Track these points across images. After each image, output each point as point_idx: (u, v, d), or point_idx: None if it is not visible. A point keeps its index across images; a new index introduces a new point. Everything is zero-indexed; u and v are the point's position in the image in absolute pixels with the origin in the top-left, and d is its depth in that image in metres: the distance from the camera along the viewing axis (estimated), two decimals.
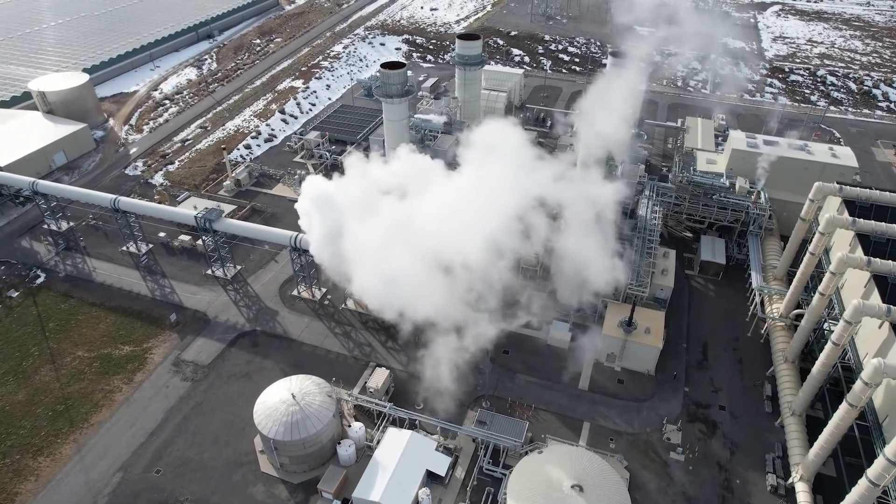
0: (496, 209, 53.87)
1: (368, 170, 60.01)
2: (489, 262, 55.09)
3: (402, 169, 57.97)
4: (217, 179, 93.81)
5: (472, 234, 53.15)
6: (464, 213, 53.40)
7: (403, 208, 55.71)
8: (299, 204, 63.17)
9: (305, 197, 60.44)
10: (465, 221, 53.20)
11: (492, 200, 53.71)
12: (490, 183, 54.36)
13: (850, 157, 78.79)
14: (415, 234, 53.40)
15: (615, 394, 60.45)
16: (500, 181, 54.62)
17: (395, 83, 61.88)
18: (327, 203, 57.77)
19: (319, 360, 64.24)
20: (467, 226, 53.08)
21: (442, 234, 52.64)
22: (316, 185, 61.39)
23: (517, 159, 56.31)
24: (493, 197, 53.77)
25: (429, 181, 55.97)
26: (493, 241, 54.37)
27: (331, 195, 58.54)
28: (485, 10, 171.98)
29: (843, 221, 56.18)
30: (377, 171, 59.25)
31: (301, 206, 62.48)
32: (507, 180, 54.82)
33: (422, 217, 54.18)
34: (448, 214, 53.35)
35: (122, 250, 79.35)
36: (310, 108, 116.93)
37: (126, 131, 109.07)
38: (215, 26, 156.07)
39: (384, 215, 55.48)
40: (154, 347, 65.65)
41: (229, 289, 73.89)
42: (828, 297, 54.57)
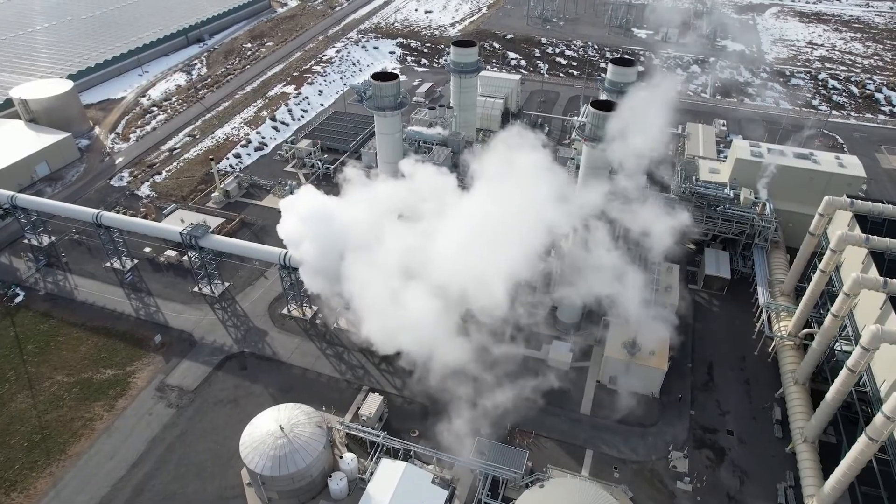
0: (525, 247, 51.24)
1: (372, 192, 57.07)
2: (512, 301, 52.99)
3: (412, 192, 54.97)
4: (205, 190, 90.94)
5: (500, 277, 50.68)
6: (490, 253, 50.47)
7: (419, 243, 52.61)
8: (285, 226, 60.04)
9: (294, 217, 57.43)
10: (491, 262, 50.48)
11: (521, 237, 51.03)
12: (519, 216, 51.48)
13: (858, 167, 76.56)
14: (434, 275, 50.68)
15: (618, 419, 57.96)
16: (532, 214, 51.71)
17: (388, 95, 59.27)
18: (323, 228, 54.71)
19: (310, 384, 61.60)
20: (494, 267, 50.44)
21: (465, 277, 49.97)
22: (308, 203, 58.32)
23: (545, 188, 53.20)
24: (523, 234, 51.07)
25: (445, 208, 53.06)
26: (519, 280, 51.98)
27: (326, 218, 55.48)
28: (480, 12, 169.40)
29: (855, 239, 53.79)
30: (383, 194, 56.17)
31: (287, 229, 59.44)
32: (538, 214, 52.02)
33: (442, 258, 51.42)
34: (472, 255, 50.39)
35: (106, 266, 76.44)
36: (301, 114, 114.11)
37: (112, 140, 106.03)
38: (206, 30, 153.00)
39: (396, 252, 52.54)
40: (137, 371, 62.85)
41: (217, 307, 71.12)
42: (841, 318, 52.19)
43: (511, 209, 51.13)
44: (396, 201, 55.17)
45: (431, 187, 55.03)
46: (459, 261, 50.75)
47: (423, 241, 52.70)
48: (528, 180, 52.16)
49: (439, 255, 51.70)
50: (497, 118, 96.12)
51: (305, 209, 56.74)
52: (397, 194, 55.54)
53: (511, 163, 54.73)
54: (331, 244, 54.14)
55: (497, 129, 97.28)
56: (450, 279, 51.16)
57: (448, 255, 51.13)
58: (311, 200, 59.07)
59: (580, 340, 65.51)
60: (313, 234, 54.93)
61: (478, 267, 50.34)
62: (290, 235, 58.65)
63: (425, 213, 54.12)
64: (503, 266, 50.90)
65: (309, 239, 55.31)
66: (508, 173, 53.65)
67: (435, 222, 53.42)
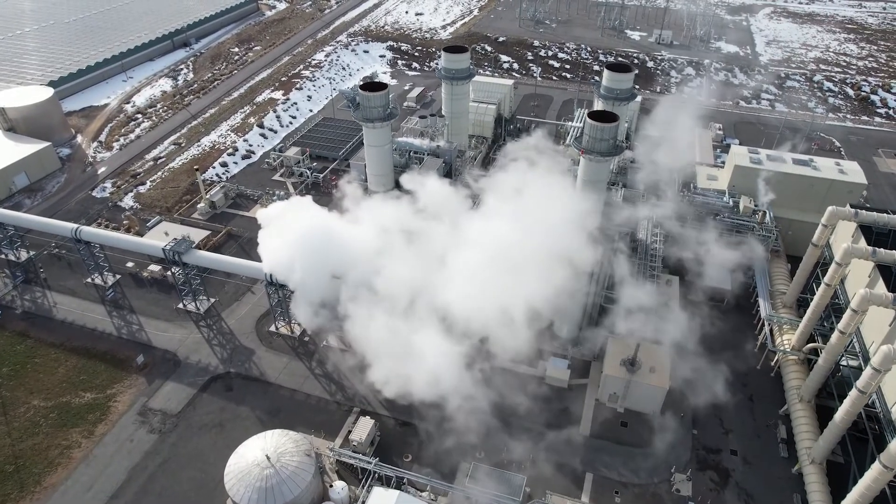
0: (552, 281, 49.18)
1: (375, 214, 54.57)
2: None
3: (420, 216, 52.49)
4: (191, 201, 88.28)
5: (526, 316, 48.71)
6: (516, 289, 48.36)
7: (434, 278, 50.31)
8: (268, 249, 57.33)
9: (279, 234, 54.76)
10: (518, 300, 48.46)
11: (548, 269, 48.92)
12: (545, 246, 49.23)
13: (858, 173, 75.08)
14: (455, 317, 48.54)
15: (619, 439, 56.02)
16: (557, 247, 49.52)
17: (376, 106, 56.89)
18: (314, 248, 52.05)
19: (299, 406, 59.24)
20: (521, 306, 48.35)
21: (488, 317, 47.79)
22: (297, 220, 55.26)
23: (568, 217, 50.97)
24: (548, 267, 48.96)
25: (460, 235, 50.62)
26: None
27: (318, 237, 52.70)
28: (471, 14, 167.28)
29: (861, 252, 52.09)
30: (385, 216, 53.66)
31: (271, 247, 56.74)
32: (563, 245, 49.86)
33: (461, 296, 49.18)
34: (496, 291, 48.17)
35: (87, 282, 73.70)
36: (290, 121, 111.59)
37: (95, 149, 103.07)
38: (192, 34, 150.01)
39: (407, 289, 50.27)
40: (118, 394, 60.25)
41: (202, 325, 68.60)
42: (848, 335, 50.46)
43: (536, 238, 48.64)
44: (401, 225, 52.58)
45: (441, 208, 52.57)
46: (481, 299, 48.31)
47: (439, 275, 50.07)
48: (555, 206, 49.65)
49: (458, 292, 49.22)
50: (490, 124, 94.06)
51: (294, 227, 53.88)
52: (402, 218, 52.95)
53: (531, 185, 52.13)
54: (321, 265, 51.59)
55: (490, 136, 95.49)
56: (471, 320, 48.80)
57: (468, 294, 48.64)
58: (301, 216, 56.29)
59: (578, 356, 63.54)
60: (300, 253, 52.31)
61: (503, 306, 47.95)
62: (275, 257, 55.99)
63: (437, 241, 51.50)
64: (531, 303, 48.60)
65: (296, 260, 52.67)
66: (529, 196, 51.12)
67: (451, 252, 51.02)
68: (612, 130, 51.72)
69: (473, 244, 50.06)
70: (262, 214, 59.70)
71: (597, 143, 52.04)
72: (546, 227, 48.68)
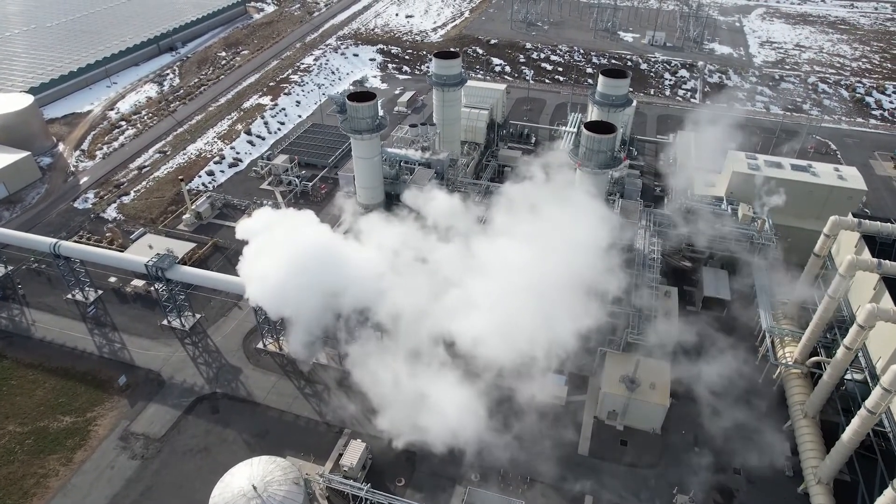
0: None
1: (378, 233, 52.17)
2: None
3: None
4: (176, 212, 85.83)
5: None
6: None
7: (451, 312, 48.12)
8: (252, 276, 54.73)
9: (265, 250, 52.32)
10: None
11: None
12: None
13: (858, 180, 73.72)
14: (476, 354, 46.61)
15: (619, 459, 54.27)
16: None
17: (365, 117, 54.83)
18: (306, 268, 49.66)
19: (287, 428, 57.09)
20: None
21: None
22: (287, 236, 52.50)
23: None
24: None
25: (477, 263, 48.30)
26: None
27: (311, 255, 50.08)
28: (462, 16, 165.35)
29: (867, 264, 50.56)
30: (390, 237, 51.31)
31: (258, 284, 54.14)
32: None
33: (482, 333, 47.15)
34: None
35: (67, 299, 71.19)
36: (278, 127, 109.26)
37: (77, 157, 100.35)
38: (178, 38, 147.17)
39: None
40: (99, 417, 57.88)
41: (187, 342, 66.30)
42: (854, 351, 48.93)
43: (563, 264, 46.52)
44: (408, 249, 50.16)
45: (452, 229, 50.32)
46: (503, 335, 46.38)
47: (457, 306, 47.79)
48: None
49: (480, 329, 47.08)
50: (482, 130, 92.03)
51: (286, 252, 50.71)
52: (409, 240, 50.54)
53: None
54: (320, 299, 49.20)
55: (483, 142, 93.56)
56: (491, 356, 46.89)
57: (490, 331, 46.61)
58: (293, 236, 53.30)
59: (576, 371, 61.74)
60: (295, 285, 49.52)
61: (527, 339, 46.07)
62: (261, 288, 53.35)
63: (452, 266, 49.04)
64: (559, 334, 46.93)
65: (288, 292, 49.94)
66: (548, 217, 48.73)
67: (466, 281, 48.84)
68: (610, 142, 49.93)
69: (494, 270, 47.89)
70: (243, 229, 57.16)
71: (594, 156, 50.15)
72: (572, 252, 46.63)
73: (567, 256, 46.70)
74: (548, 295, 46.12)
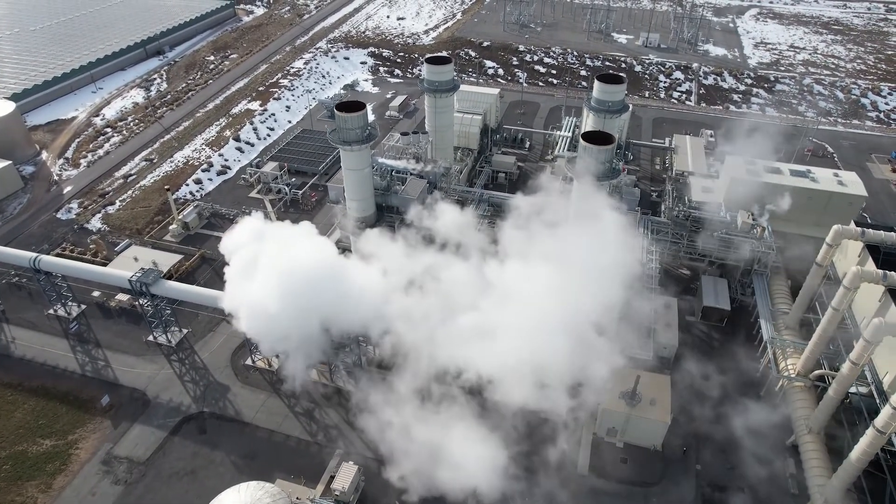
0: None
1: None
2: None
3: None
4: (163, 222, 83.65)
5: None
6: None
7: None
8: (241, 303, 52.40)
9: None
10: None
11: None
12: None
13: (858, 185, 72.49)
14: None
15: (619, 478, 52.67)
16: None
17: (354, 128, 52.95)
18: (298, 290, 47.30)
19: (277, 449, 55.20)
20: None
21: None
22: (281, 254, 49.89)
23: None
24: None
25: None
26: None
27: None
28: (455, 18, 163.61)
29: (872, 276, 49.09)
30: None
31: (248, 313, 51.88)
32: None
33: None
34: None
35: (49, 314, 68.96)
36: (268, 133, 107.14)
37: (61, 166, 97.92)
38: (166, 41, 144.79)
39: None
40: (81, 440, 55.77)
41: (174, 359, 64.29)
42: (861, 366, 47.52)
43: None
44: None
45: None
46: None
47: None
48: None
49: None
50: (476, 136, 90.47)
51: (285, 280, 47.85)
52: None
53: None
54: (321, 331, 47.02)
55: (476, 147, 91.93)
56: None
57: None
58: (290, 257, 49.97)
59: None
60: (294, 317, 47.26)
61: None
62: (254, 318, 51.01)
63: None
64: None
65: (286, 323, 47.68)
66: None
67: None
68: (609, 153, 48.33)
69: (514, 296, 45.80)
70: (228, 245, 54.96)
71: (592, 167, 48.52)
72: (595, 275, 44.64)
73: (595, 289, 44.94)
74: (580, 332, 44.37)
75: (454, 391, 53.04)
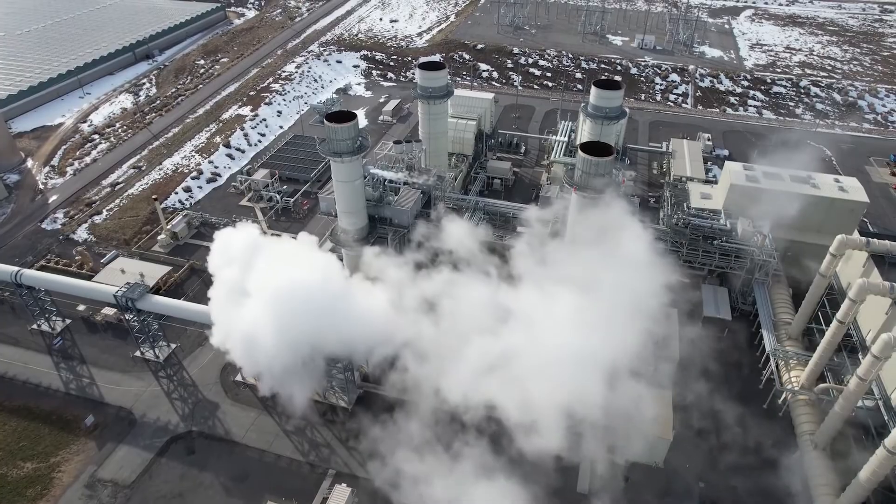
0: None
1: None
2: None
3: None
4: (151, 232, 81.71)
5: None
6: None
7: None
8: (230, 332, 50.69)
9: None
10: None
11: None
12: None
13: (860, 191, 71.24)
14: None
15: (620, 496, 51.13)
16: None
17: (344, 139, 51.29)
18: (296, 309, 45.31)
19: (268, 470, 53.44)
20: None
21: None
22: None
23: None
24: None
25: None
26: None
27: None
28: (448, 20, 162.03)
29: (878, 288, 47.84)
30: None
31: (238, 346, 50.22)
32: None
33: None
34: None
35: (32, 329, 66.94)
36: (259, 139, 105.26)
37: (46, 174, 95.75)
38: (155, 45, 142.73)
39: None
40: (63, 462, 53.85)
41: (161, 375, 62.42)
42: (869, 382, 46.19)
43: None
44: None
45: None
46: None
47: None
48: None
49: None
50: (470, 141, 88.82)
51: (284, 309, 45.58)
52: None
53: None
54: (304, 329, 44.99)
55: (471, 153, 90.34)
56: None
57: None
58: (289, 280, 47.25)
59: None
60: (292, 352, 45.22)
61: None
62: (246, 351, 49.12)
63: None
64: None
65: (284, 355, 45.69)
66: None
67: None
68: (608, 165, 46.87)
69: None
70: (216, 263, 53.04)
71: (591, 179, 46.95)
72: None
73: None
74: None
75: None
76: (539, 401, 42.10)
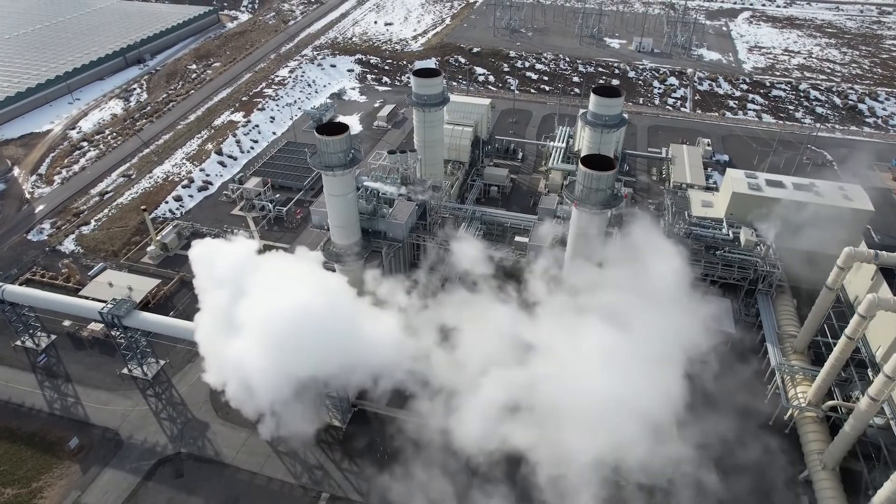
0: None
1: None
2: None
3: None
4: (140, 243, 79.74)
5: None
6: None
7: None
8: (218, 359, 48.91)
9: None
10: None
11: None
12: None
13: (864, 199, 69.82)
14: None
15: None
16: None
17: (336, 151, 49.47)
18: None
19: (260, 493, 51.66)
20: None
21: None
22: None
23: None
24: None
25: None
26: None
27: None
28: (444, 23, 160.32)
29: (889, 304, 46.37)
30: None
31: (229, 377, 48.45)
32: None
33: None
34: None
35: (16, 346, 64.94)
36: (251, 145, 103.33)
37: (33, 183, 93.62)
38: (146, 49, 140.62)
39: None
40: (46, 487, 51.91)
41: (149, 393, 60.52)
42: (882, 402, 44.68)
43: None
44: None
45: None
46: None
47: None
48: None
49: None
50: (467, 148, 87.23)
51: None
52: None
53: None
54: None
55: (467, 160, 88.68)
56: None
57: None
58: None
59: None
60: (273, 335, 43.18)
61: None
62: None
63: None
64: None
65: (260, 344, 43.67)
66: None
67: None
68: (610, 179, 45.19)
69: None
70: (202, 282, 50.95)
71: (592, 194, 45.31)
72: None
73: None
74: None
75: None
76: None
